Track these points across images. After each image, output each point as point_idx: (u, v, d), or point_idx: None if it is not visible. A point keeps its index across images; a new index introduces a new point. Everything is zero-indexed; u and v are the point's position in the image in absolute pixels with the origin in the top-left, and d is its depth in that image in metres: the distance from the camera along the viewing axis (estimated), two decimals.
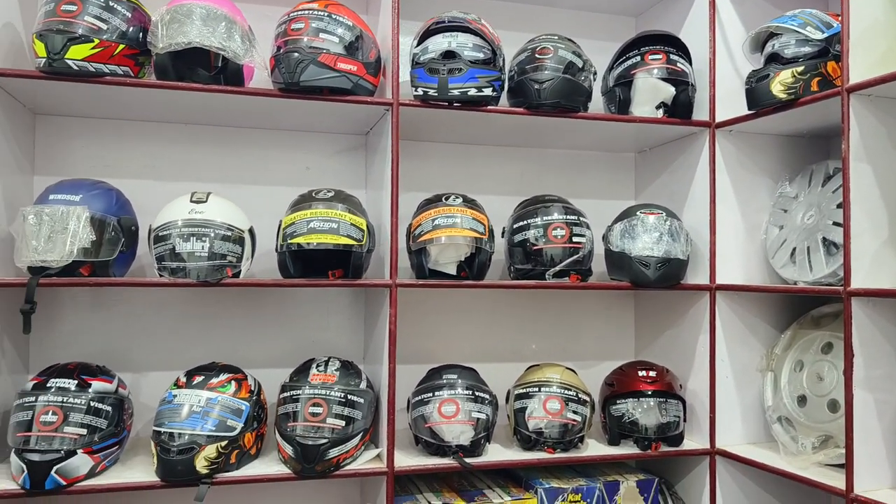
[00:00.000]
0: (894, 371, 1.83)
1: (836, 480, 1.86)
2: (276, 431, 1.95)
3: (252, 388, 1.97)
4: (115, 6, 1.80)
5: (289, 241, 1.89)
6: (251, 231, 1.95)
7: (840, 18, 1.85)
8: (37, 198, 1.87)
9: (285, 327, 2.34)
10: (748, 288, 2.22)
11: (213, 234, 1.84)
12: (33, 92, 1.92)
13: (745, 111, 2.13)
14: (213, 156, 2.28)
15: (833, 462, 1.96)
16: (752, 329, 2.31)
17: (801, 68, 1.94)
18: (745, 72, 2.15)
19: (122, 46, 1.79)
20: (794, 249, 2.17)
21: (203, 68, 1.88)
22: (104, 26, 1.77)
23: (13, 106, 1.95)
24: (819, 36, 1.93)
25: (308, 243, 1.88)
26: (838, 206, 2.02)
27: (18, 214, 1.77)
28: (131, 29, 1.82)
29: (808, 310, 2.25)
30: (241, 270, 1.90)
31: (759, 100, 2.03)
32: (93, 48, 1.74)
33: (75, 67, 1.74)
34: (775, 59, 2.02)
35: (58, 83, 1.79)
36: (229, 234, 1.86)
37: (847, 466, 1.79)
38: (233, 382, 1.93)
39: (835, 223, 2.04)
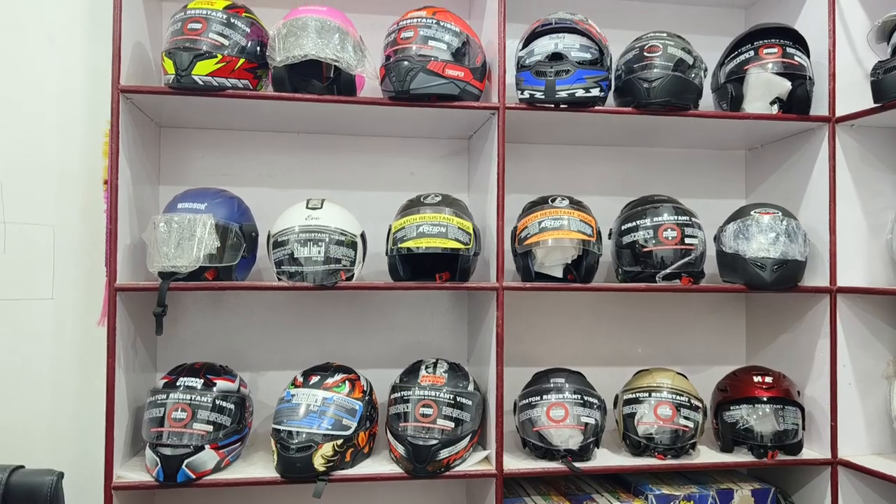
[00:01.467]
0: None
1: None
2: (388, 431, 2.00)
3: (365, 389, 2.02)
4: (236, 22, 1.89)
5: (399, 246, 1.93)
6: (363, 235, 2.01)
7: None
8: (165, 206, 1.98)
9: (391, 329, 2.39)
10: (872, 291, 2.10)
11: (328, 239, 1.90)
12: (160, 106, 2.03)
13: (867, 104, 2.02)
14: (322, 163, 2.36)
15: None
16: (876, 333, 2.19)
17: None
18: (868, 63, 2.05)
19: (242, 60, 1.88)
20: None
21: (317, 79, 1.94)
22: (226, 42, 1.86)
23: (142, 120, 2.07)
24: None
25: (418, 247, 1.91)
26: None
27: (150, 222, 1.88)
28: (250, 43, 1.91)
29: None
30: (353, 274, 1.95)
31: (887, 92, 1.92)
32: (216, 63, 1.83)
33: (201, 83, 1.83)
34: None
35: (185, 98, 1.89)
36: (343, 238, 1.92)
37: None
38: (347, 383, 1.98)
39: None
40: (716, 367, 2.50)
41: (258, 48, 1.93)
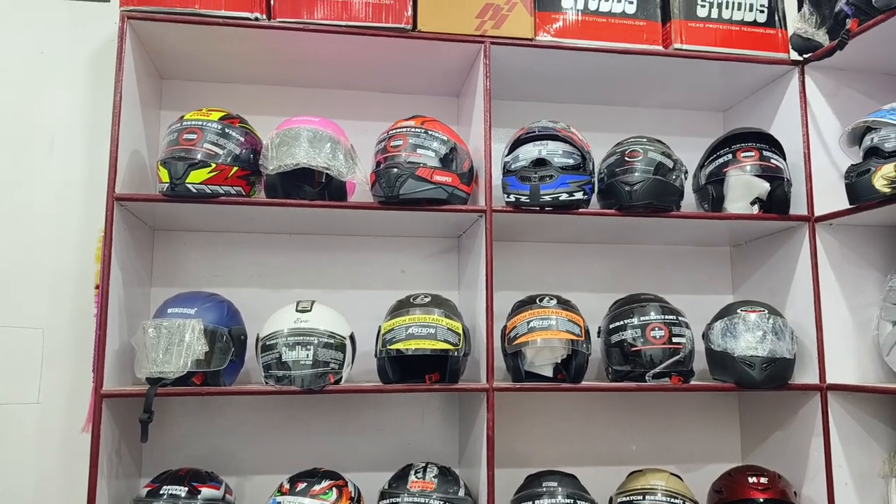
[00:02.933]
0: None
1: None
2: None
3: (352, 495, 1.98)
4: (230, 132, 1.96)
5: (388, 347, 1.94)
6: (352, 337, 2.01)
7: None
8: (155, 310, 2.00)
9: (381, 430, 2.36)
10: (863, 388, 2.10)
11: (316, 342, 1.91)
12: (154, 212, 2.08)
13: (844, 204, 2.07)
14: (314, 262, 2.39)
15: None
16: (870, 431, 2.17)
17: None
18: (842, 164, 2.12)
19: (235, 168, 1.93)
20: None
21: (309, 184, 2.00)
22: (220, 151, 1.92)
23: (135, 224, 2.11)
24: None
25: (407, 349, 1.92)
26: None
27: (139, 327, 1.89)
28: (243, 151, 1.97)
29: None
30: (342, 376, 1.95)
31: (860, 194, 1.98)
32: (210, 172, 1.89)
33: (194, 190, 1.88)
34: (875, 153, 1.98)
35: (178, 205, 1.94)
36: (332, 341, 1.93)
37: None
38: (334, 489, 1.95)
39: None
40: (711, 465, 2.47)
41: (252, 156, 1.99)
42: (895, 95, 2.17)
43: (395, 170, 1.96)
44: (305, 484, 1.95)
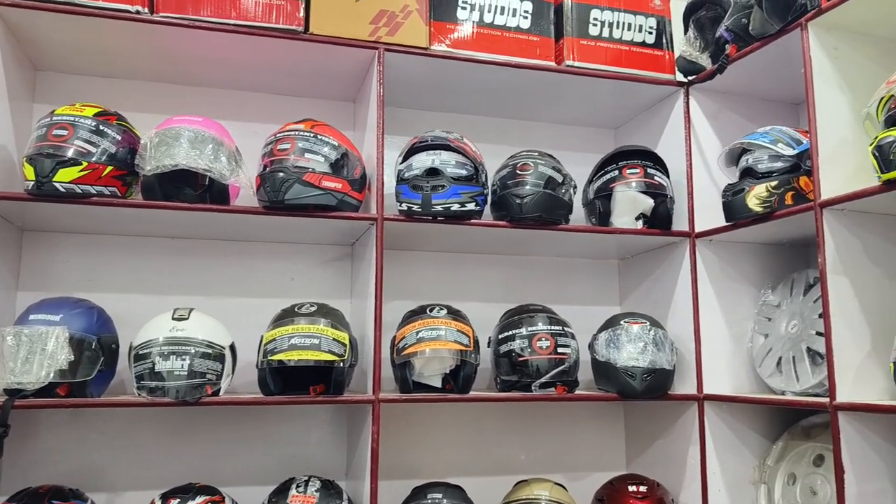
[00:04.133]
0: (887, 486, 1.79)
1: None
2: None
3: None
4: (106, 129, 1.86)
5: (269, 358, 1.87)
6: (232, 347, 1.94)
7: (809, 136, 1.91)
8: (18, 316, 1.86)
9: (266, 443, 2.28)
10: (736, 399, 2.20)
11: (193, 352, 1.82)
12: (22, 211, 1.95)
13: (723, 221, 2.16)
14: (198, 269, 2.30)
15: None
16: (742, 439, 2.27)
17: (774, 183, 1.99)
18: (722, 183, 2.21)
19: (110, 168, 1.83)
20: (780, 359, 2.16)
21: (190, 187, 1.92)
22: (93, 149, 1.82)
23: (1, 224, 1.97)
24: (790, 152, 1.99)
25: (289, 360, 1.86)
26: (820, 315, 2.03)
27: None
28: (120, 150, 1.87)
29: (799, 419, 2.22)
30: (220, 388, 1.87)
31: (735, 213, 2.07)
32: (81, 171, 1.78)
33: (62, 190, 1.77)
34: (749, 174, 2.07)
35: (46, 205, 1.82)
36: (210, 351, 1.85)
37: None
38: None
39: (818, 333, 2.04)
40: (598, 474, 2.51)
41: (129, 155, 1.89)
42: (771, 119, 2.28)
43: (282, 174, 1.91)
44: (179, 500, 1.86)
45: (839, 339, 1.81)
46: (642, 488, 2.17)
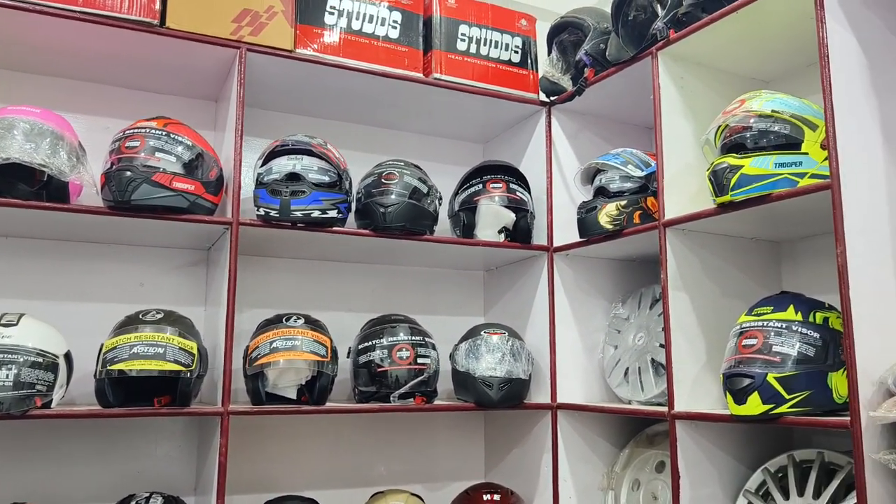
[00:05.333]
0: (717, 491, 1.91)
1: None
2: None
3: None
4: None
5: (109, 368, 1.76)
6: (67, 355, 1.81)
7: (656, 159, 2.02)
8: None
9: (107, 458, 2.14)
10: (587, 408, 2.28)
11: (21, 360, 1.68)
12: None
13: (578, 237, 2.25)
14: (36, 271, 2.12)
15: None
16: (593, 447, 2.36)
17: (624, 202, 2.09)
18: (579, 201, 2.30)
19: None
20: (628, 369, 2.26)
21: (25, 183, 1.77)
22: None
23: None
24: (639, 174, 2.10)
25: (130, 370, 1.76)
26: (663, 329, 2.15)
27: None
28: None
29: (644, 427, 2.34)
30: (52, 399, 1.74)
31: (588, 229, 2.16)
32: None
33: None
34: (602, 192, 2.17)
35: None
36: (40, 360, 1.72)
37: None
38: None
39: (661, 345, 2.15)
40: (457, 483, 2.53)
41: None
42: (627, 141, 2.39)
43: (129, 173, 1.80)
44: None
45: (678, 351, 1.92)
46: (496, 497, 2.21)
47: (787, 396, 1.59)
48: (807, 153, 1.65)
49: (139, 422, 2.19)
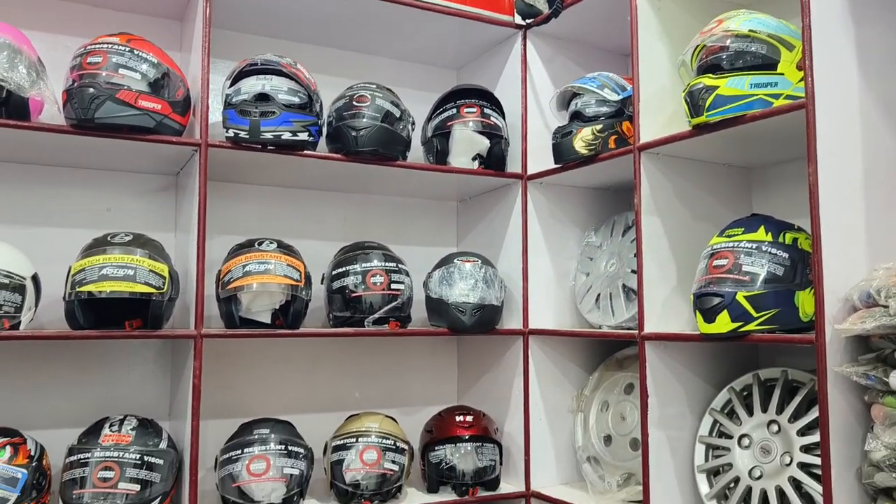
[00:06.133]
0: (685, 409, 1.97)
1: None
2: (61, 500, 1.76)
3: (32, 454, 1.77)
4: None
5: (77, 290, 1.73)
6: (35, 278, 1.78)
7: (632, 82, 2.00)
8: None
9: (79, 383, 2.13)
10: (557, 332, 2.31)
11: None
12: None
13: (553, 164, 2.24)
14: None
15: (634, 499, 2.06)
16: (563, 371, 2.40)
17: (599, 126, 2.08)
18: (554, 127, 2.28)
19: None
20: (599, 295, 2.29)
21: None
22: None
23: None
24: (615, 97, 2.08)
25: (100, 291, 1.73)
26: (635, 255, 2.17)
27: None
28: None
29: (613, 352, 2.38)
30: (20, 321, 1.71)
31: (563, 155, 2.15)
32: None
33: None
34: (578, 117, 2.15)
35: None
36: (6, 281, 1.69)
37: (644, 502, 1.89)
38: (8, 447, 1.73)
39: (633, 271, 2.18)
40: (430, 408, 2.56)
41: None
42: (602, 67, 2.35)
43: (92, 89, 1.74)
44: None
45: (649, 274, 1.94)
46: (468, 418, 2.25)
47: (756, 315, 1.62)
48: (782, 74, 1.65)
49: (111, 346, 2.17)
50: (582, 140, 2.09)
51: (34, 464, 1.75)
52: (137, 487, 1.76)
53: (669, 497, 1.91)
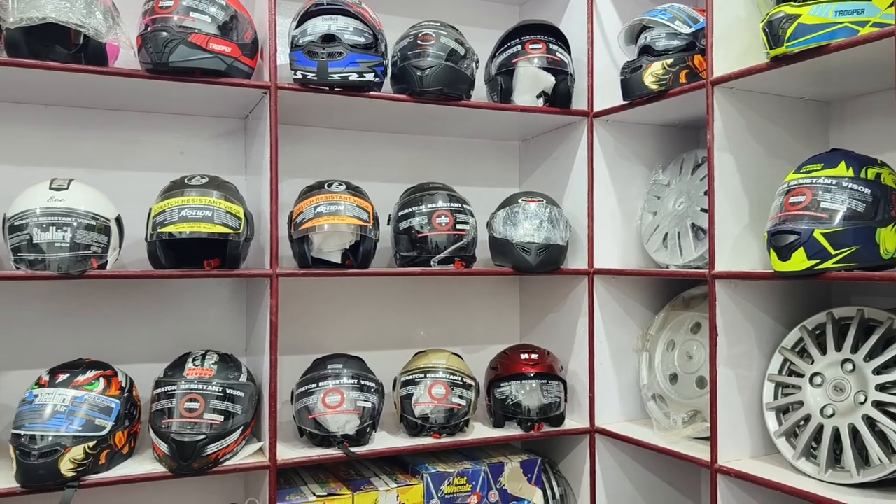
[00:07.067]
0: (753, 349, 1.95)
1: (703, 453, 1.96)
2: (150, 429, 1.87)
3: (123, 385, 1.87)
4: None
5: (159, 231, 1.80)
6: (118, 220, 1.85)
7: (705, 14, 1.93)
8: None
9: (161, 320, 2.24)
10: (623, 272, 2.31)
11: (75, 224, 1.73)
12: None
13: (620, 101, 2.20)
14: (77, 139, 2.14)
15: (700, 435, 2.08)
16: (628, 311, 2.40)
17: (670, 61, 2.02)
18: (622, 63, 2.23)
19: None
20: (667, 235, 2.27)
21: (62, 45, 1.75)
22: None
23: None
24: (687, 30, 2.01)
25: (180, 232, 1.79)
26: (705, 193, 2.13)
27: None
28: None
29: (680, 292, 2.37)
30: (107, 261, 1.80)
31: (632, 90, 2.10)
32: None
33: None
34: (648, 52, 2.09)
35: None
36: (93, 222, 1.76)
37: (711, 439, 1.90)
38: (101, 379, 1.83)
39: (702, 209, 2.15)
40: (493, 346, 2.62)
41: None
42: None
43: (165, 33, 1.77)
44: (68, 375, 1.81)
45: (721, 213, 1.91)
46: (534, 356, 2.29)
47: (833, 252, 1.59)
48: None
49: (190, 285, 2.26)
50: (652, 75, 2.04)
51: (125, 395, 1.86)
52: (221, 418, 1.85)
53: (737, 434, 1.92)
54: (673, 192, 2.30)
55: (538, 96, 2.28)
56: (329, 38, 1.97)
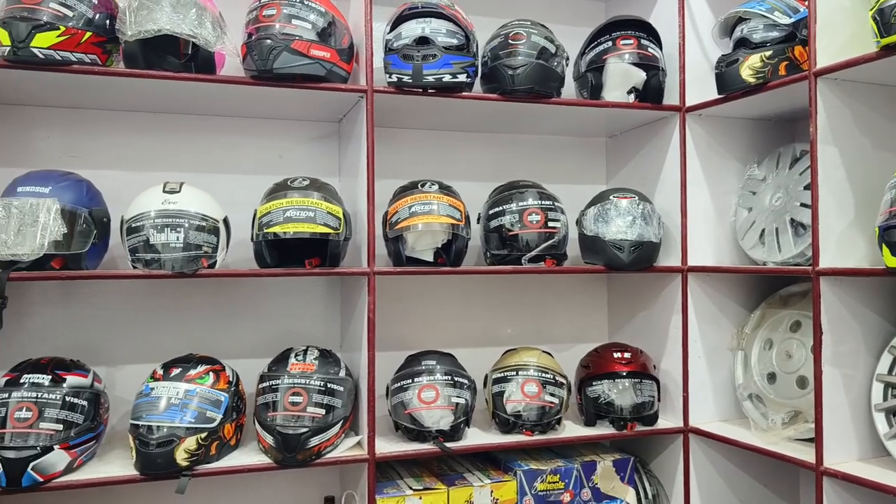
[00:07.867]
0: (860, 347, 1.89)
1: (806, 454, 1.91)
2: (256, 421, 1.95)
3: (230, 379, 1.96)
4: None
5: (265, 231, 1.87)
6: (226, 221, 1.93)
7: (806, 3, 1.88)
8: (3, 190, 1.82)
9: (260, 317, 2.32)
10: (719, 269, 2.26)
11: (187, 225, 1.82)
12: None
13: (713, 95, 2.16)
14: (183, 144, 2.25)
15: (802, 437, 2.02)
16: (722, 309, 2.36)
17: (769, 52, 1.97)
18: (714, 56, 2.19)
19: (88, 34, 1.75)
20: (763, 231, 2.21)
21: (173, 55, 1.84)
22: (70, 13, 1.73)
23: None
24: (786, 21, 1.96)
25: (285, 232, 1.86)
26: (805, 187, 2.07)
27: None
28: (98, 16, 1.78)
29: (776, 289, 2.31)
30: (216, 261, 1.88)
31: (728, 84, 2.06)
32: (59, 36, 1.70)
33: (41, 56, 1.69)
34: (744, 44, 2.05)
35: (24, 72, 1.74)
36: (204, 224, 1.84)
37: (817, 440, 1.85)
38: (211, 374, 1.91)
39: (802, 204, 2.09)
40: (581, 345, 2.61)
41: (107, 21, 1.80)
42: None
43: (269, 41, 1.84)
44: (180, 369, 1.90)
45: (825, 207, 1.85)
46: (626, 355, 2.27)
47: None
48: None
49: (289, 284, 2.34)
50: (749, 68, 2.00)
51: (233, 388, 1.94)
52: (322, 412, 1.92)
53: (843, 435, 1.86)
54: (769, 187, 2.24)
55: (629, 92, 2.27)
56: (423, 41, 2.01)
